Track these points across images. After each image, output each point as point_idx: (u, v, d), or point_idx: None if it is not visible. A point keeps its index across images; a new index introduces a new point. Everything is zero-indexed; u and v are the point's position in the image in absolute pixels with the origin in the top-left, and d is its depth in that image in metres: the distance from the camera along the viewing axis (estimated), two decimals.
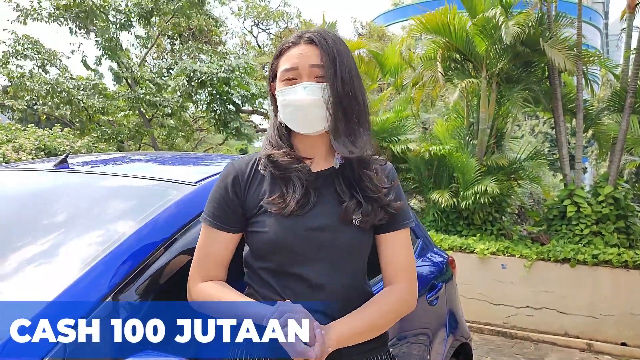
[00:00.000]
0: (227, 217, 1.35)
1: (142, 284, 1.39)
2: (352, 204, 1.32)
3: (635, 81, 6.59)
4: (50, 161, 2.14)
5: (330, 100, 1.29)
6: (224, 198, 1.36)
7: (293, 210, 1.28)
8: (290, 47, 1.33)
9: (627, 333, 5.81)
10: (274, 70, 1.38)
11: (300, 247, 1.30)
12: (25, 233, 1.59)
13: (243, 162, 1.41)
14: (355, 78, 1.33)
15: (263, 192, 1.34)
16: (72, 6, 9.19)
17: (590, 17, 54.61)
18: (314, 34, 1.32)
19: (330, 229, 1.31)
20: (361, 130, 1.35)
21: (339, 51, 1.31)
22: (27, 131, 7.87)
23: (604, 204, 6.55)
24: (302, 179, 1.32)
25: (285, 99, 1.32)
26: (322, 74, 1.29)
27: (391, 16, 51.92)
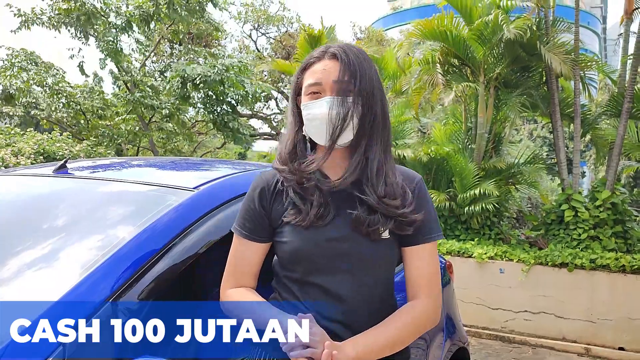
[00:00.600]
0: (255, 228, 1.41)
1: (141, 289, 1.40)
2: (360, 217, 1.33)
3: (632, 86, 6.62)
4: (49, 166, 2.15)
5: (351, 116, 1.32)
6: (252, 210, 1.42)
7: (312, 222, 1.32)
8: (314, 63, 1.37)
9: (624, 338, 5.82)
10: (299, 84, 1.41)
11: (320, 257, 1.34)
12: (24, 238, 1.60)
13: (270, 174, 1.45)
14: (375, 93, 1.36)
15: (286, 205, 1.38)
16: (72, 10, 9.21)
17: (588, 22, 54.78)
18: (337, 49, 1.35)
19: (348, 240, 1.33)
20: (379, 144, 1.37)
21: (360, 66, 1.34)
22: (26, 135, 7.88)
23: (601, 208, 6.57)
24: (320, 192, 1.35)
25: (310, 112, 1.35)
26: (344, 88, 1.32)
27: (390, 20, 52.07)
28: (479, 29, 6.79)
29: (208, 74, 9.69)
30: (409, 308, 1.38)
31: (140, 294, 1.39)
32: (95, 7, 9.58)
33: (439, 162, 7.52)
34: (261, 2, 16.08)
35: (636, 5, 6.96)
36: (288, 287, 1.39)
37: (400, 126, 8.75)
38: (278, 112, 17.32)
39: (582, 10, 50.70)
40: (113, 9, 9.93)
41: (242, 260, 1.43)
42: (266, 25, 16.35)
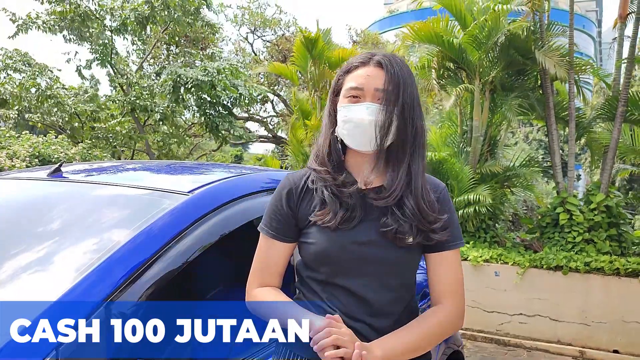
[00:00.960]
0: (281, 228, 1.43)
1: (135, 292, 1.41)
2: (390, 223, 1.35)
3: (626, 90, 6.66)
4: (44, 170, 2.15)
5: (387, 125, 1.34)
6: (279, 210, 1.44)
7: (339, 224, 1.34)
8: (358, 67, 1.40)
9: (619, 340, 5.84)
10: (339, 85, 1.43)
11: (345, 259, 1.36)
12: (18, 242, 1.60)
13: (298, 176, 1.47)
14: (416, 107, 1.38)
15: (314, 206, 1.40)
16: (67, 13, 9.20)
17: (583, 25, 55.15)
18: (382, 58, 1.38)
19: (374, 245, 1.35)
20: (408, 156, 1.38)
21: (404, 78, 1.36)
22: (21, 138, 7.86)
23: (596, 211, 6.60)
24: (347, 196, 1.37)
25: (347, 115, 1.37)
26: (385, 97, 1.34)
27: (386, 23, 52.27)
28: (473, 32, 6.82)
29: (199, 77, 9.69)
30: (434, 312, 1.40)
31: (135, 297, 1.40)
32: (90, 9, 9.57)
33: (435, 165, 7.54)
34: (258, 6, 16.10)
35: (630, 10, 6.99)
36: (312, 288, 1.41)
37: None
38: (274, 114, 17.32)
39: (578, 14, 50.69)
40: (108, 11, 9.92)
41: (268, 260, 1.45)
42: (262, 28, 16.37)
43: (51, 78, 10.09)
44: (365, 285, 1.35)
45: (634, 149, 7.42)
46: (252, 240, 2.13)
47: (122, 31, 10.18)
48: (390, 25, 46.37)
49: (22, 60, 9.95)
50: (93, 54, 9.97)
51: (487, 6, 7.07)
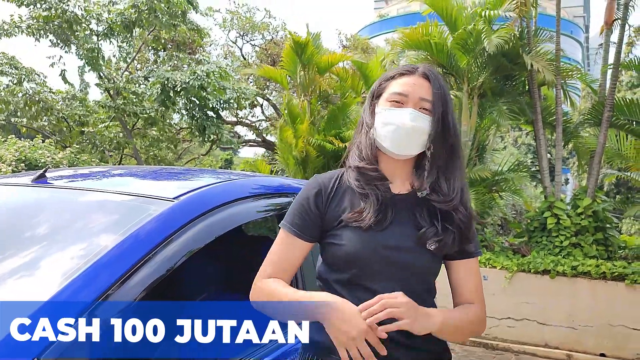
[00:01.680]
0: (305, 226, 1.43)
1: (120, 298, 1.40)
2: (430, 232, 1.38)
3: (612, 95, 6.73)
4: (28, 175, 2.13)
5: (433, 133, 1.39)
6: (305, 209, 1.44)
7: (371, 225, 1.35)
8: (404, 75, 1.45)
9: (605, 344, 5.89)
10: (381, 90, 1.47)
11: (375, 262, 1.37)
12: (1, 249, 1.58)
13: (327, 177, 1.49)
14: (456, 123, 1.44)
15: (344, 208, 1.42)
16: (53, 17, 9.12)
17: (571, 31, 55.63)
18: (427, 70, 1.44)
19: (406, 250, 1.37)
20: (460, 169, 1.44)
21: (447, 94, 1.43)
22: (8, 142, 7.79)
23: (582, 216, 6.66)
24: (382, 197, 1.39)
25: (388, 117, 1.41)
26: (428, 107, 1.39)
27: (376, 28, 52.41)
28: (462, 38, 6.87)
29: (188, 80, 9.67)
30: (471, 308, 1.46)
31: (120, 302, 1.39)
32: (76, 14, 9.51)
33: None
34: (247, 10, 16.09)
35: (616, 16, 7.08)
36: (337, 291, 1.40)
37: None
38: (264, 119, 17.30)
39: (565, 20, 51.21)
40: (94, 16, 9.86)
41: (284, 255, 1.44)
42: (251, 33, 16.36)
43: (38, 83, 10.00)
44: (392, 288, 1.34)
45: (620, 153, 7.50)
46: (240, 245, 2.13)
47: (108, 35, 10.12)
48: (380, 30, 46.52)
49: (8, 64, 9.86)
50: (82, 60, 9.90)
51: (475, 12, 7.12)
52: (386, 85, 1.46)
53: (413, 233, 1.38)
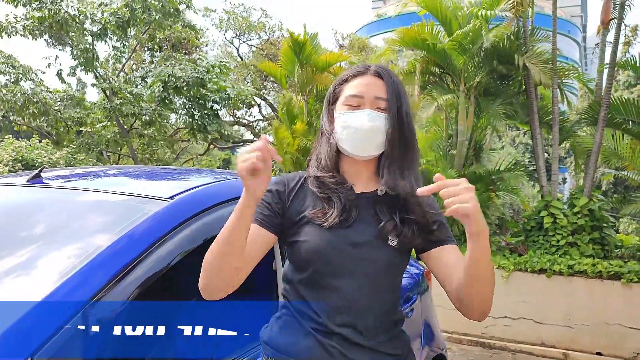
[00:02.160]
0: (264, 215, 1.40)
1: (115, 297, 1.41)
2: (389, 225, 1.39)
3: (608, 95, 6.74)
4: (24, 175, 2.13)
5: (390, 131, 1.39)
6: (268, 198, 1.43)
7: (334, 224, 1.35)
8: (357, 76, 1.45)
9: (602, 343, 5.90)
10: (337, 94, 1.48)
11: (337, 259, 1.36)
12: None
13: (291, 177, 1.50)
14: (411, 117, 1.45)
15: (307, 205, 1.42)
16: (47, 18, 9.10)
17: (568, 30, 55.80)
18: (380, 68, 1.45)
19: (367, 246, 1.37)
20: (413, 163, 1.45)
21: (402, 89, 1.44)
22: (4, 142, 7.78)
23: (579, 215, 6.66)
24: (344, 199, 1.40)
25: (347, 121, 1.41)
26: (384, 106, 1.40)
27: (374, 27, 52.50)
28: (458, 39, 6.88)
29: (190, 76, 9.66)
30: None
31: (115, 301, 1.40)
32: (69, 14, 9.49)
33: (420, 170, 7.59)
34: (243, 9, 16.09)
35: (612, 16, 7.09)
36: (298, 291, 1.41)
37: None
38: (261, 118, 17.31)
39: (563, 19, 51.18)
40: (88, 16, 9.85)
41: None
42: (248, 33, 16.35)
43: (35, 81, 9.99)
44: (353, 285, 1.35)
45: (616, 153, 7.52)
46: None
47: (102, 36, 10.12)
48: (378, 30, 46.56)
49: (6, 62, 9.85)
50: (75, 60, 9.90)
51: (471, 12, 7.13)
52: (341, 89, 1.47)
53: (374, 229, 1.38)
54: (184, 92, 10.14)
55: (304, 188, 1.46)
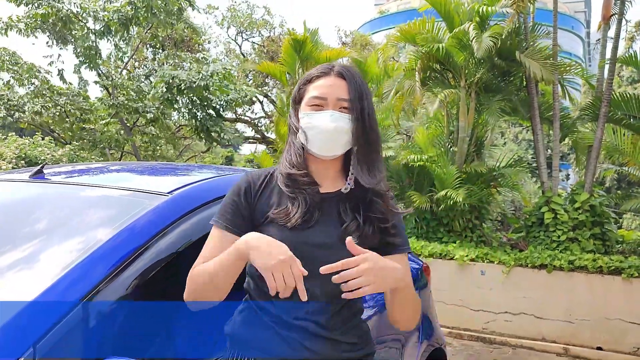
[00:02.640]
0: (234, 220, 1.44)
1: (113, 292, 1.44)
2: (352, 225, 1.42)
3: (609, 90, 6.75)
4: (26, 171, 2.17)
5: (355, 131, 1.42)
6: (235, 201, 1.46)
7: (296, 224, 1.38)
8: (320, 77, 1.47)
9: (602, 337, 5.93)
10: (301, 94, 1.50)
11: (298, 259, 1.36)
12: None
13: (256, 175, 1.52)
14: (373, 114, 1.48)
15: (271, 204, 1.44)
16: (50, 15, 9.13)
17: (572, 26, 55.61)
18: (343, 69, 1.47)
19: (329, 247, 1.38)
20: (379, 161, 1.49)
21: (365, 89, 1.47)
22: (8, 140, 7.84)
23: (580, 210, 6.68)
24: (309, 199, 1.42)
25: (311, 122, 1.43)
26: (347, 106, 1.43)
27: (377, 24, 52.50)
28: (458, 36, 6.89)
29: (194, 79, 9.69)
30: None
31: (114, 295, 1.43)
32: (72, 12, 9.52)
33: (420, 165, 7.61)
34: (246, 7, 16.12)
35: (613, 11, 7.09)
36: (260, 288, 1.43)
37: (383, 130, 8.84)
38: (263, 115, 17.34)
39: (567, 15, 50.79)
40: (91, 14, 9.87)
41: (217, 251, 1.42)
42: (250, 30, 16.38)
43: (38, 78, 10.03)
44: (313, 286, 1.35)
45: (618, 148, 7.53)
46: None
47: (105, 34, 10.15)
48: (380, 26, 46.57)
49: (10, 60, 9.89)
50: (79, 58, 9.93)
51: (472, 8, 7.14)
52: (305, 89, 1.50)
53: (337, 230, 1.40)
54: (188, 94, 10.16)
55: (270, 185, 1.49)
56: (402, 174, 7.94)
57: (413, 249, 6.88)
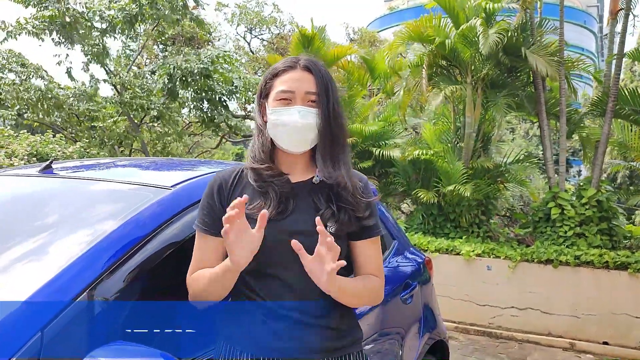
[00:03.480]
0: (213, 223, 1.47)
1: (115, 283, 1.50)
2: (327, 213, 1.47)
3: (616, 86, 6.72)
4: (36, 166, 2.25)
5: (321, 125, 1.46)
6: (210, 205, 1.50)
7: (272, 217, 1.41)
8: (286, 71, 1.49)
9: (608, 332, 5.94)
10: (268, 89, 1.52)
11: (277, 249, 1.42)
12: (7, 235, 1.70)
13: (227, 173, 1.56)
14: (340, 107, 1.52)
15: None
16: (57, 16, 9.22)
17: (584, 21, 55.01)
18: (309, 62, 1.49)
19: (307, 234, 1.41)
20: (343, 153, 1.53)
21: (330, 82, 1.50)
22: (20, 137, 7.97)
23: (587, 206, 6.67)
24: (281, 191, 1.46)
25: (279, 118, 1.46)
26: (314, 100, 1.46)
27: (387, 20, 52.33)
28: (465, 33, 6.90)
29: (192, 67, 9.71)
30: (371, 278, 1.56)
31: (115, 287, 1.49)
32: (78, 12, 9.61)
33: (427, 161, 7.64)
34: (256, 4, 16.19)
35: (620, 6, 7.06)
36: (245, 280, 1.47)
37: (391, 127, 8.87)
38: None
39: (579, 10, 50.17)
40: (97, 13, 9.96)
41: (204, 256, 1.49)
42: (259, 27, 16.45)
43: (46, 78, 10.14)
44: (295, 272, 1.41)
45: (625, 144, 7.51)
46: None
47: (111, 32, 10.23)
48: (390, 23, 46.38)
49: (17, 62, 10.03)
50: (87, 56, 10.04)
51: (478, 4, 7.14)
52: (272, 84, 1.51)
53: (312, 217, 1.42)
54: (191, 85, 10.21)
55: (241, 182, 1.53)
56: (409, 169, 7.97)
57: (419, 244, 6.92)
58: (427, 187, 7.64)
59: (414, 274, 3.08)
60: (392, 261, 2.96)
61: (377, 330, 2.53)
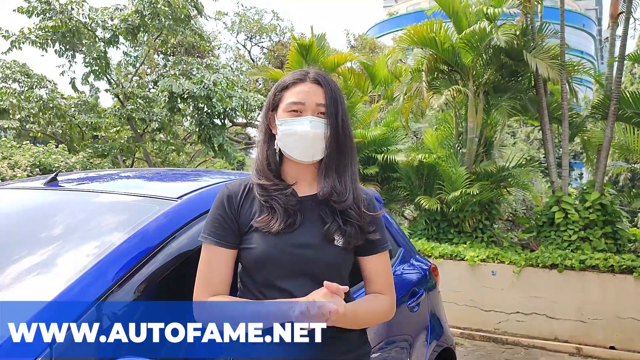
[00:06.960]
0: (224, 234, 1.47)
1: (125, 293, 1.49)
2: (333, 226, 1.47)
3: (618, 88, 6.72)
4: (41, 179, 2.24)
5: (329, 136, 1.47)
6: (222, 215, 1.49)
7: (280, 229, 1.42)
8: (296, 83, 1.51)
9: (615, 337, 5.90)
10: (277, 102, 1.53)
11: (285, 262, 1.42)
12: (16, 248, 1.69)
13: (236, 185, 1.56)
14: (348, 122, 1.53)
15: (254, 213, 1.48)
16: (60, 27, 9.25)
17: (583, 24, 55.14)
18: (318, 75, 1.51)
19: (314, 247, 1.43)
20: (350, 165, 1.53)
21: (339, 95, 1.51)
22: (23, 148, 7.98)
23: (591, 210, 6.65)
24: (287, 204, 1.46)
25: (290, 128, 1.47)
26: (324, 111, 1.47)
27: (386, 26, 52.46)
28: (467, 38, 6.91)
29: (194, 90, 9.74)
30: (380, 298, 1.55)
31: (124, 297, 1.49)
32: (81, 22, 9.65)
33: (430, 166, 7.63)
34: (255, 12, 16.25)
35: (621, 10, 7.07)
36: (252, 292, 1.47)
37: (393, 132, 8.87)
38: None
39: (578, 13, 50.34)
40: (100, 24, 10.00)
41: (214, 269, 1.47)
42: (259, 35, 16.50)
43: (49, 88, 10.17)
44: (302, 285, 1.41)
45: (627, 146, 7.50)
46: None
47: (113, 42, 10.27)
48: (389, 28, 46.52)
49: (20, 71, 10.07)
50: (88, 67, 10.07)
51: (479, 9, 7.15)
52: (281, 96, 1.52)
53: (319, 230, 1.44)
54: (193, 103, 10.23)
55: (250, 195, 1.52)
56: (412, 175, 7.96)
57: (423, 250, 6.90)
58: (430, 193, 7.63)
59: (420, 282, 3.06)
60: (398, 269, 2.95)
61: (384, 339, 2.51)
